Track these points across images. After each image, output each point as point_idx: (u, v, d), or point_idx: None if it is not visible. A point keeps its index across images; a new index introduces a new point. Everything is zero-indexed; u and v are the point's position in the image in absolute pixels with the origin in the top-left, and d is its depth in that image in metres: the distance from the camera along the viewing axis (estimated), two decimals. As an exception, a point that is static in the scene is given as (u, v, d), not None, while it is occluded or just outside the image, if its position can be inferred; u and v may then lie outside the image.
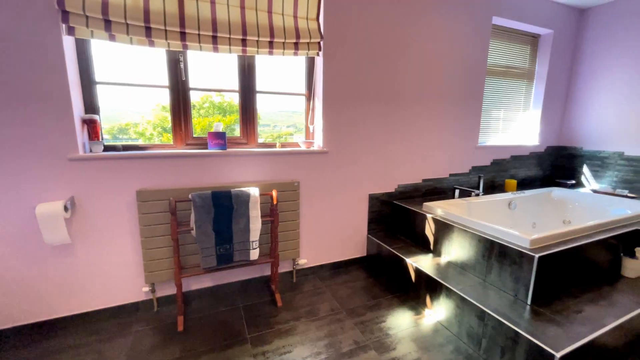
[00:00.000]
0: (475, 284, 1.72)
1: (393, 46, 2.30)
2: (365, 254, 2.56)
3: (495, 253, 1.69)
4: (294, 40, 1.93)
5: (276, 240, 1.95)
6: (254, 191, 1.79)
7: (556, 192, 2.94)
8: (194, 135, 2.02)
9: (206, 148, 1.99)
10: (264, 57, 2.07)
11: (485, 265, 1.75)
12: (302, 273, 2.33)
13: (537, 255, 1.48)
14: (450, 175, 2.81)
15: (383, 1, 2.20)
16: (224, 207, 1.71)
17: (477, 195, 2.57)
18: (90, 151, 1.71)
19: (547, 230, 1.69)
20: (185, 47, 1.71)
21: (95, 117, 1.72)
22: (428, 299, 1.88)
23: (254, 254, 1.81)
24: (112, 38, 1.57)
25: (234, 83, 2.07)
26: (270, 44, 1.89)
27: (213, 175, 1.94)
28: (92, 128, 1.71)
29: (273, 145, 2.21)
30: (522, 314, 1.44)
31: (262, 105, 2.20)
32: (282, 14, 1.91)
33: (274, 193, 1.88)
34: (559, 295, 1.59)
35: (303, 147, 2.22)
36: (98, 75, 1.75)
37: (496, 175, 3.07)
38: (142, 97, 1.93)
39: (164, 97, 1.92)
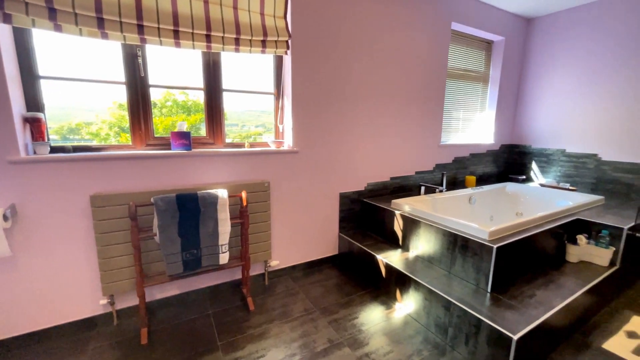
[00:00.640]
0: (441, 276, 1.81)
1: (361, 47, 2.35)
2: (337, 252, 2.58)
3: (458, 246, 1.79)
4: (261, 38, 1.89)
5: (247, 243, 1.90)
6: (222, 193, 1.73)
7: (510, 186, 3.19)
8: (156, 136, 1.91)
9: (169, 149, 1.88)
10: (231, 54, 2.01)
11: (449, 257, 1.85)
12: (275, 275, 2.30)
13: (495, 246, 1.59)
14: (416, 172, 2.93)
15: (349, 2, 2.23)
16: (190, 211, 1.63)
17: (441, 191, 2.71)
18: (35, 153, 1.54)
19: (503, 222, 1.82)
20: (143, 41, 1.60)
21: (39, 115, 1.55)
22: (398, 293, 1.94)
23: (224, 258, 1.75)
24: (57, 28, 1.42)
25: (199, 81, 1.98)
26: (237, 41, 1.84)
27: (177, 177, 1.84)
28: (35, 127, 1.54)
29: (242, 145, 2.16)
30: (483, 301, 1.54)
31: (230, 104, 2.13)
32: (249, 11, 1.86)
33: (244, 194, 1.83)
34: (514, 282, 1.73)
35: (273, 147, 2.18)
36: (42, 69, 1.58)
37: (457, 172, 3.26)
38: (96, 94, 1.77)
39: (121, 95, 1.79)
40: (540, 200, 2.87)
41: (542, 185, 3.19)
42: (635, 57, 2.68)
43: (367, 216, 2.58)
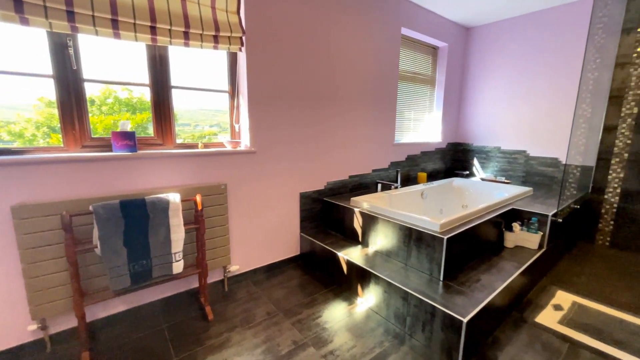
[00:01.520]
0: (399, 269, 1.90)
1: (317, 49, 2.36)
2: (299, 253, 2.57)
3: (413, 239, 1.89)
4: (213, 33, 1.80)
5: (203, 249, 1.80)
6: (174, 197, 1.62)
7: (456, 181, 3.47)
8: (94, 136, 1.71)
9: (111, 150, 1.70)
10: (180, 48, 1.88)
11: (406, 250, 1.95)
12: (235, 280, 2.21)
13: (445, 237, 1.71)
14: (373, 170, 3.04)
15: (305, 5, 2.23)
16: (137, 218, 1.50)
17: (396, 188, 2.85)
18: None
19: (452, 215, 1.97)
20: (74, 29, 1.42)
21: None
22: (359, 288, 1.99)
23: (178, 267, 1.64)
24: (-40, 10, 1.20)
25: (144, 76, 1.82)
26: (186, 35, 1.72)
27: (122, 182, 1.68)
28: None
29: (195, 146, 2.03)
30: (436, 289, 1.65)
31: (181, 102, 2.00)
32: (198, 3, 1.76)
33: (198, 198, 1.73)
34: (463, 269, 1.88)
35: (229, 148, 2.10)
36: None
37: (410, 169, 3.45)
38: (17, 89, 1.53)
39: (49, 90, 1.57)
40: (481, 193, 3.17)
41: (482, 179, 3.52)
42: (553, 65, 3.08)
43: (328, 215, 2.61)
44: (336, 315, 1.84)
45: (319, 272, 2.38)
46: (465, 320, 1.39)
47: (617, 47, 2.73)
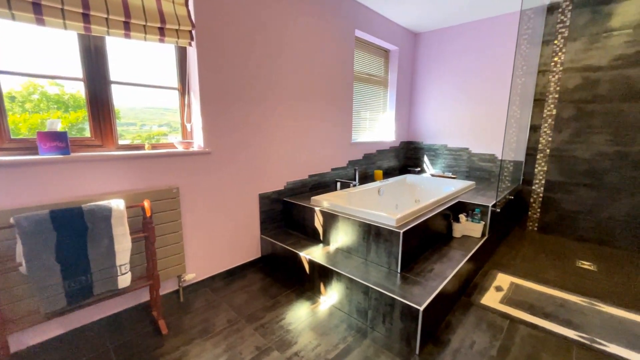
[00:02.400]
0: (359, 264, 1.95)
1: (272, 45, 2.31)
2: (260, 255, 2.51)
3: (372, 234, 1.96)
4: (158, 25, 1.67)
5: (154, 259, 1.66)
6: (118, 204, 1.47)
7: (409, 178, 3.67)
8: (15, 137, 1.48)
9: (37, 153, 1.49)
10: (120, 40, 1.71)
11: (365, 246, 2.01)
12: (191, 289, 2.09)
13: (401, 231, 1.80)
14: (332, 169, 3.08)
15: (260, 4, 2.18)
16: (72, 229, 1.33)
17: (355, 185, 2.92)
18: None
19: (406, 210, 2.08)
20: (-17, 12, 1.21)
21: None
22: (322, 287, 2.01)
23: (125, 280, 1.49)
24: None
25: (77, 69, 1.62)
26: (126, 25, 1.57)
27: (52, 190, 1.48)
28: None
29: (141, 147, 1.87)
30: (395, 281, 1.73)
31: (124, 99, 1.82)
32: (140, -8, 1.61)
33: (147, 204, 1.59)
34: (417, 260, 2.00)
35: (180, 148, 1.97)
36: None
37: (367, 167, 3.57)
38: None
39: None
40: (432, 188, 3.40)
41: (432, 175, 3.78)
42: (489, 70, 3.42)
43: (289, 215, 2.59)
44: (300, 315, 1.83)
45: (281, 273, 2.35)
46: (421, 308, 1.47)
47: (539, 56, 3.13)
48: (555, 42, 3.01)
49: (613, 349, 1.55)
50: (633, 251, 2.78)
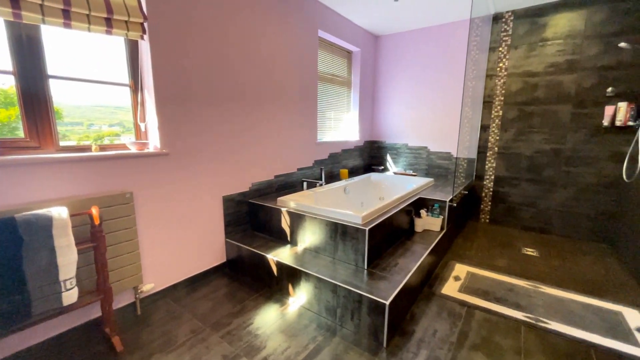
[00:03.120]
0: (328, 263, 1.96)
1: (234, 44, 2.24)
2: (225, 260, 2.42)
3: (339, 233, 1.98)
4: (104, 15, 1.53)
5: (105, 270, 1.52)
6: (60, 212, 1.32)
7: (373, 176, 3.78)
8: None
9: (-46, 157, 1.28)
10: (60, 30, 1.54)
11: (333, 245, 2.03)
12: (150, 300, 1.95)
13: (367, 229, 1.85)
14: (298, 169, 3.07)
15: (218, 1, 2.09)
16: (2, 243, 1.17)
17: (321, 185, 2.94)
18: None
19: (371, 207, 2.14)
20: None
21: None
22: (291, 288, 1.99)
23: (70, 297, 1.35)
24: None
25: (7, 61, 1.43)
26: (65, 14, 1.42)
27: (-25, 198, 1.28)
28: None
29: (87, 149, 1.70)
30: (362, 278, 1.77)
31: (68, 96, 1.65)
32: (82, -22, 1.47)
33: (95, 211, 1.45)
34: (383, 256, 2.06)
35: (133, 150, 1.82)
36: None
37: (333, 167, 3.61)
38: None
39: None
40: (395, 185, 3.53)
41: (395, 173, 3.93)
42: (444, 73, 3.64)
43: (255, 217, 2.53)
44: (268, 319, 1.80)
45: (248, 277, 2.28)
46: (387, 302, 1.52)
47: (487, 62, 3.39)
48: (500, 49, 3.29)
49: (554, 325, 1.73)
50: (567, 237, 3.14)
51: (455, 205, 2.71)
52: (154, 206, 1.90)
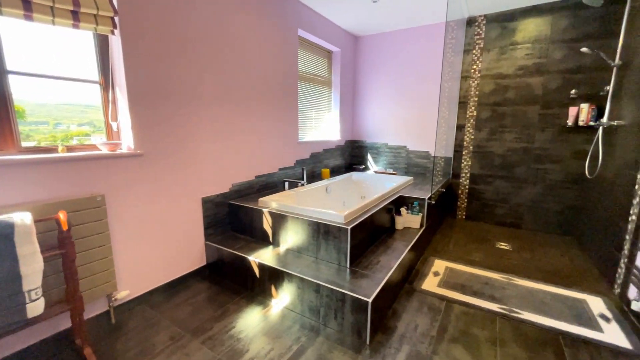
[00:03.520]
0: (310, 263, 1.96)
1: (213, 41, 2.18)
2: (205, 263, 2.36)
3: (321, 232, 1.99)
4: (70, 8, 1.44)
5: (75, 278, 1.43)
6: (23, 218, 1.23)
7: (354, 175, 3.81)
8: None
9: None
10: (21, 22, 1.43)
11: (315, 244, 2.03)
12: (125, 308, 1.86)
13: (349, 227, 1.86)
14: (280, 169, 3.04)
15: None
16: (-42, 253, 1.07)
17: (303, 185, 2.93)
18: None
19: (353, 206, 2.16)
20: None
21: None
22: (273, 289, 1.97)
23: (36, 308, 1.26)
24: None
25: (-45, 55, 1.31)
26: (26, 5, 1.32)
27: None
28: None
29: (53, 150, 1.60)
30: (344, 277, 1.78)
31: (31, 94, 1.54)
32: (44, -33, 1.37)
33: (62, 216, 1.37)
34: (365, 254, 2.08)
35: (104, 151, 1.73)
36: None
37: (314, 166, 3.61)
38: None
39: None
40: (375, 184, 3.58)
41: (375, 172, 3.98)
42: (421, 74, 3.73)
43: (236, 218, 2.48)
44: (251, 322, 1.77)
45: (230, 280, 2.24)
46: (370, 300, 1.54)
47: (462, 64, 3.52)
48: (474, 51, 3.42)
49: (526, 315, 1.82)
50: (536, 231, 3.32)
51: (433, 202, 2.79)
52: (128, 209, 1.82)
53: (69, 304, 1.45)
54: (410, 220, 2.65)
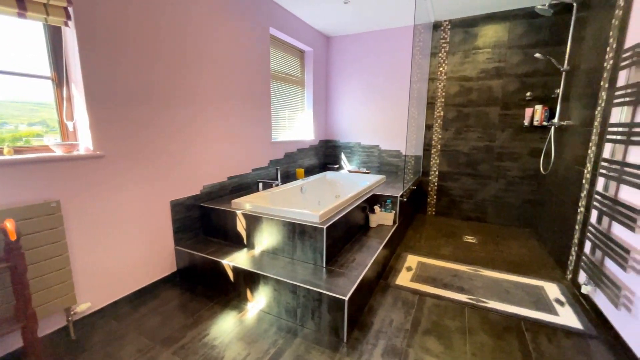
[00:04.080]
0: (286, 264, 1.94)
1: (180, 40, 2.08)
2: (175, 269, 2.25)
3: (297, 233, 1.97)
4: (15, -4, 1.31)
5: (25, 293, 1.31)
6: (-38, 229, 1.10)
7: (329, 175, 3.84)
8: None
9: None
10: (-51, 9, 1.27)
11: (291, 245, 2.01)
12: (86, 322, 1.73)
13: (324, 227, 1.87)
14: (253, 170, 2.98)
15: (157, -20, 1.92)
16: None
17: (277, 185, 2.90)
18: None
19: (328, 206, 2.17)
20: None
21: None
22: (249, 293, 1.93)
23: (-20, 328, 1.13)
24: None
25: None
26: (-39, -9, 1.18)
27: None
28: None
29: (-4, 152, 1.44)
30: (321, 276, 1.78)
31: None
32: (-18, -51, 1.23)
33: (9, 224, 1.24)
34: (340, 252, 2.10)
35: (59, 152, 1.59)
36: None
37: (289, 166, 3.58)
38: None
39: None
40: (350, 183, 3.63)
41: (349, 171, 4.04)
42: (391, 75, 3.84)
43: (208, 221, 2.39)
44: (226, 327, 1.72)
45: (202, 286, 2.15)
46: (346, 298, 1.55)
47: (429, 66, 3.66)
48: (440, 54, 3.58)
49: (492, 304, 1.93)
50: (499, 224, 3.54)
51: (405, 200, 2.88)
52: (88, 215, 1.69)
53: (19, 321, 1.32)
54: (383, 218, 2.72)
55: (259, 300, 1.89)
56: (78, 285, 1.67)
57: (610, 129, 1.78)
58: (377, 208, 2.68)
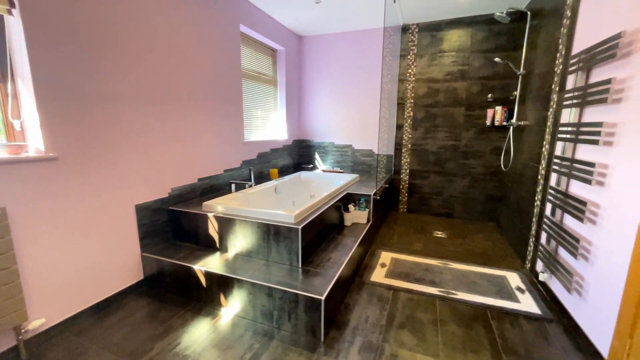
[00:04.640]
0: (261, 267, 1.91)
1: (143, 35, 1.96)
2: (142, 277, 2.13)
3: (271, 234, 1.94)
4: (-54, -21, 1.16)
5: (-33, 312, 1.17)
6: None
7: (303, 174, 3.82)
8: None
9: None
10: None
11: (266, 247, 1.98)
12: (41, 339, 1.58)
13: (300, 227, 1.85)
14: (225, 170, 2.90)
15: (115, -30, 1.80)
16: None
17: (250, 186, 2.84)
18: None
19: (303, 206, 2.16)
20: None
21: None
22: (222, 298, 1.87)
23: None
24: None
25: None
26: None
27: None
28: None
29: None
30: (297, 277, 1.77)
31: None
32: None
33: (-55, 236, 1.10)
34: (316, 252, 2.10)
35: (3, 154, 1.44)
36: None
37: (262, 166, 3.52)
38: None
39: None
40: (324, 182, 3.64)
41: (324, 170, 4.05)
42: (363, 75, 3.91)
43: (177, 225, 2.29)
44: (198, 335, 1.65)
45: (173, 293, 2.05)
46: (323, 297, 1.56)
47: (399, 67, 3.77)
48: (409, 57, 3.70)
49: (460, 295, 2.03)
50: (466, 219, 3.74)
51: (378, 198, 2.94)
52: (40, 223, 1.54)
53: (-42, 344, 1.17)
54: (358, 216, 2.76)
55: (233, 305, 1.84)
56: (30, 300, 1.52)
57: (561, 129, 1.94)
58: (351, 207, 2.71)
